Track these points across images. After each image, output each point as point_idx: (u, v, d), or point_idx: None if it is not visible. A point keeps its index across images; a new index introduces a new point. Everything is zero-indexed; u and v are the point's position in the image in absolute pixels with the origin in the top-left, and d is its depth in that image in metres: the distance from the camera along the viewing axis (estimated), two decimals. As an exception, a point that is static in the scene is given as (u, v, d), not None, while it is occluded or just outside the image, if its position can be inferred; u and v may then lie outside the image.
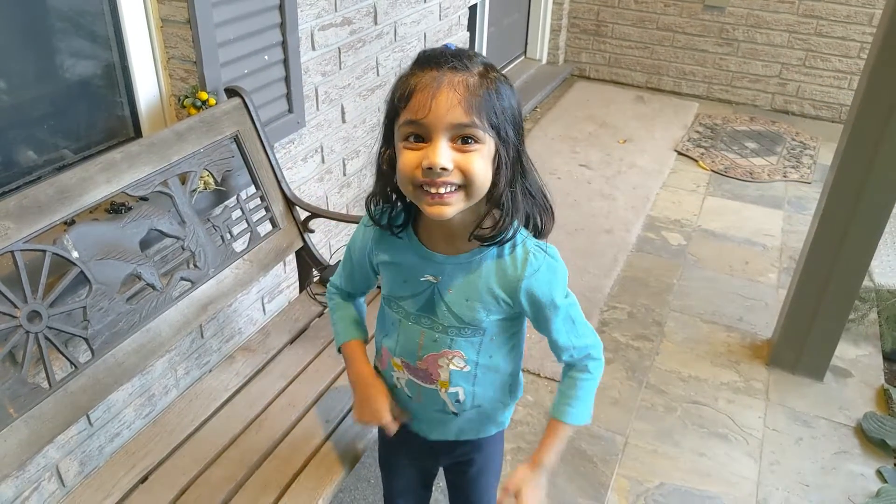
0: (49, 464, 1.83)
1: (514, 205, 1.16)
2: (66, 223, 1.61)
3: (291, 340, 2.01)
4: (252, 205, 2.05)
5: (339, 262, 1.46)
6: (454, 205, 1.11)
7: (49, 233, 1.52)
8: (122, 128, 2.03)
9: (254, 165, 2.02)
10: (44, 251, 1.49)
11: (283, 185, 2.11)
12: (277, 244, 2.09)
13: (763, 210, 3.94)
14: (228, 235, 1.96)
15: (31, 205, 1.48)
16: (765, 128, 4.89)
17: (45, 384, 1.49)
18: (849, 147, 2.35)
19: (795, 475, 2.34)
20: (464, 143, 1.08)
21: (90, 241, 1.59)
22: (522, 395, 2.52)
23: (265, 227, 2.08)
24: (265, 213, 2.08)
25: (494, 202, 1.15)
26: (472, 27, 4.41)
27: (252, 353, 1.94)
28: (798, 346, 2.71)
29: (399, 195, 1.22)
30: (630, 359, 2.81)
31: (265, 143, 2.06)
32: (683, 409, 2.58)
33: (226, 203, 2.00)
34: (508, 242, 1.19)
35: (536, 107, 5.11)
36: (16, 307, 1.43)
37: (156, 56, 2.01)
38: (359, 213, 2.71)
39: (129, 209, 1.76)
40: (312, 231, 2.20)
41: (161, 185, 1.75)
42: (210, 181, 1.92)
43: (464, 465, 1.50)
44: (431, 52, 1.11)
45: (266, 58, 2.20)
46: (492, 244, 1.19)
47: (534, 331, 1.32)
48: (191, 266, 1.83)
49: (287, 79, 2.31)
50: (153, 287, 1.72)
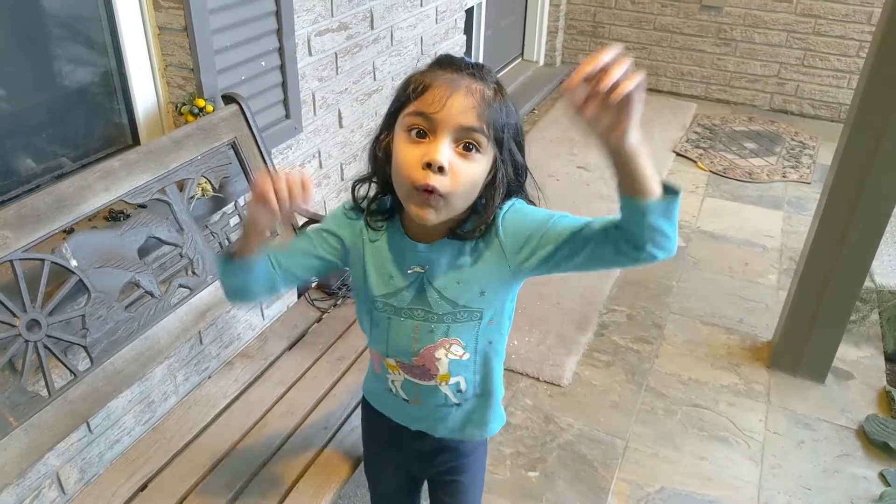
0: (49, 471, 1.82)
1: (495, 210, 1.18)
2: (65, 231, 1.60)
3: (290, 346, 2.01)
4: (250, 211, 2.04)
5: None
6: (440, 211, 1.11)
7: (48, 241, 1.52)
8: (120, 135, 2.03)
9: (251, 172, 2.02)
10: (42, 260, 1.49)
11: (282, 191, 2.10)
12: (276, 250, 2.08)
13: (762, 211, 3.94)
14: (227, 242, 1.96)
15: (30, 214, 1.48)
16: (764, 128, 4.89)
17: (45, 392, 1.49)
18: (849, 146, 2.34)
19: (797, 478, 2.33)
20: (465, 150, 1.08)
21: (89, 250, 1.60)
22: (521, 399, 2.55)
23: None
24: (263, 220, 2.07)
25: (482, 218, 1.17)
26: (469, 30, 4.41)
27: (250, 360, 1.95)
28: (799, 348, 2.71)
29: (387, 187, 1.22)
30: (630, 362, 2.81)
31: (262, 149, 2.06)
32: (684, 413, 2.57)
33: (224, 209, 2.00)
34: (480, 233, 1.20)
35: (534, 109, 5.11)
36: (15, 316, 1.44)
37: (153, 63, 2.00)
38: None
39: (128, 217, 1.76)
40: (311, 237, 2.19)
41: (159, 193, 1.75)
42: (208, 188, 1.92)
43: (450, 474, 1.48)
44: (452, 57, 1.13)
45: (263, 64, 2.20)
46: (468, 238, 1.20)
47: (528, 332, 1.32)
48: (189, 273, 1.83)
49: (284, 84, 2.31)
50: (152, 294, 1.72)
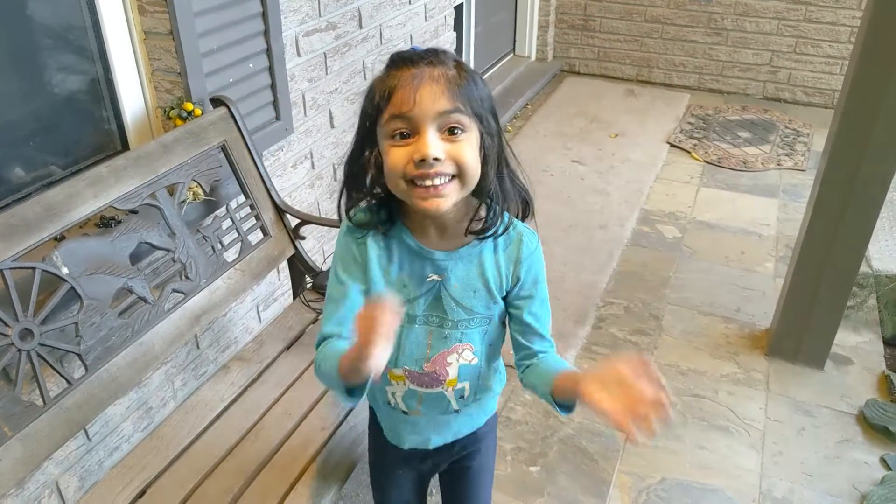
0: (48, 480, 1.82)
1: (504, 194, 1.19)
2: (56, 239, 1.60)
3: (286, 348, 2.00)
4: (242, 214, 2.04)
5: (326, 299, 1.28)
6: (450, 196, 1.11)
7: (38, 250, 1.51)
8: (110, 142, 2.02)
9: (242, 174, 2.01)
10: (33, 268, 1.49)
11: (273, 193, 2.10)
12: (269, 252, 2.08)
13: (758, 199, 3.94)
14: (219, 245, 1.95)
15: (19, 223, 1.48)
16: (757, 116, 4.88)
17: (40, 401, 1.49)
18: (840, 132, 2.34)
19: (798, 465, 2.33)
20: (451, 134, 1.09)
21: (80, 257, 1.59)
22: (521, 395, 2.54)
23: (256, 236, 2.08)
24: (255, 222, 2.07)
25: (485, 194, 1.17)
26: (459, 27, 4.40)
27: (247, 363, 1.94)
28: (797, 335, 2.70)
29: (381, 199, 1.21)
30: (628, 354, 2.80)
31: (253, 152, 2.05)
32: (684, 403, 2.57)
33: (215, 213, 2.00)
34: (503, 229, 1.22)
35: (527, 104, 5.10)
36: (7, 325, 1.43)
37: (140, 69, 2.00)
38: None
39: (119, 223, 1.75)
40: (304, 238, 2.19)
41: (149, 198, 1.75)
42: (199, 192, 1.92)
43: (465, 461, 1.48)
44: (403, 53, 1.12)
45: (251, 66, 2.19)
46: (487, 236, 1.21)
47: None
48: (182, 278, 1.82)
49: (273, 86, 2.30)
50: (145, 300, 1.71)
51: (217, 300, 1.90)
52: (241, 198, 2.05)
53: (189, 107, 1.95)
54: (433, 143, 1.07)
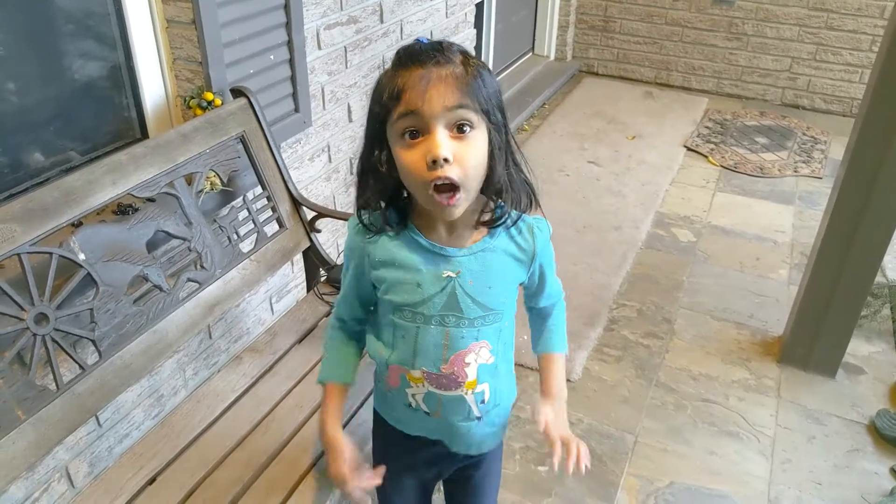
0: (59, 465, 1.83)
1: (512, 186, 1.20)
2: (73, 225, 1.60)
3: (299, 341, 2.00)
4: (258, 205, 2.04)
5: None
6: (460, 205, 1.13)
7: (56, 235, 1.52)
8: (129, 129, 2.03)
9: (260, 166, 2.02)
10: (50, 253, 1.49)
11: (290, 185, 2.10)
12: (284, 244, 2.08)
13: (774, 206, 3.91)
14: (235, 236, 1.96)
15: (37, 207, 1.48)
16: (775, 122, 4.85)
17: (53, 386, 1.49)
18: (860, 141, 2.32)
19: (808, 473, 2.32)
20: (460, 132, 1.09)
21: (97, 243, 1.59)
22: (531, 394, 2.54)
23: (272, 228, 2.08)
24: (272, 214, 2.07)
25: (494, 188, 1.18)
26: (480, 24, 4.40)
27: (259, 354, 1.94)
28: (810, 343, 2.69)
29: (393, 196, 1.22)
30: (640, 357, 2.80)
31: (271, 143, 2.05)
32: (694, 408, 2.56)
33: (232, 203, 2.00)
34: (512, 221, 1.24)
35: (545, 103, 5.09)
36: (23, 309, 1.44)
37: (161, 57, 2.00)
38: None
39: (136, 211, 1.76)
40: (319, 231, 2.19)
41: (167, 187, 1.75)
42: (216, 182, 1.92)
43: (469, 469, 1.47)
44: (410, 50, 1.11)
45: (272, 57, 2.19)
46: (497, 226, 1.23)
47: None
48: (198, 267, 1.83)
49: (293, 78, 2.30)
50: (160, 288, 1.72)
51: (231, 290, 1.90)
52: (259, 189, 2.06)
53: (209, 96, 1.95)
54: (443, 143, 1.07)
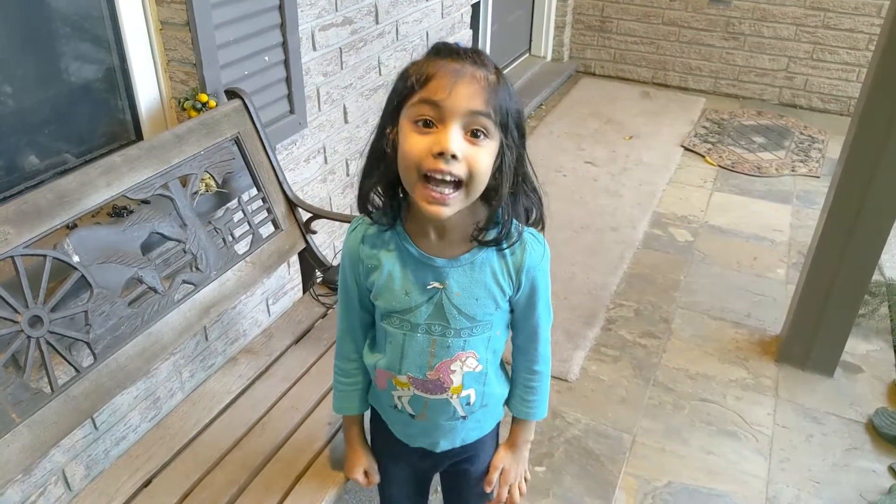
0: (55, 468, 1.83)
1: (514, 208, 1.18)
2: (68, 227, 1.60)
3: (295, 342, 2.00)
4: (254, 207, 2.04)
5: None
6: (453, 205, 1.11)
7: (50, 237, 1.51)
8: (124, 131, 2.02)
9: (255, 167, 2.01)
10: (44, 256, 1.49)
11: (285, 187, 2.10)
12: (280, 246, 2.08)
13: (771, 205, 3.91)
14: (230, 238, 1.95)
15: (31, 210, 1.48)
16: (772, 122, 4.85)
17: (48, 389, 1.49)
18: (856, 140, 2.32)
19: (806, 472, 2.31)
20: (474, 136, 1.08)
21: (91, 246, 1.59)
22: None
23: (267, 229, 2.08)
24: (267, 215, 2.07)
25: (494, 206, 1.16)
26: (476, 25, 4.39)
27: (255, 356, 1.94)
28: (807, 342, 2.69)
29: (391, 190, 1.21)
30: (637, 356, 2.79)
31: (266, 145, 2.05)
32: (692, 407, 2.56)
33: (227, 205, 2.00)
34: (508, 243, 1.21)
35: (541, 104, 5.09)
36: (17, 312, 1.43)
37: (155, 59, 2.00)
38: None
39: (131, 213, 1.76)
40: (315, 232, 2.19)
41: (162, 189, 1.75)
42: (211, 183, 1.92)
43: (463, 464, 1.47)
44: (449, 45, 1.11)
45: (266, 59, 2.19)
46: (489, 244, 1.20)
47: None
48: (193, 269, 1.82)
49: (288, 80, 2.30)
50: (155, 290, 1.71)
51: (227, 292, 1.90)
52: (254, 190, 2.05)
53: (203, 98, 1.95)
54: (455, 139, 1.06)
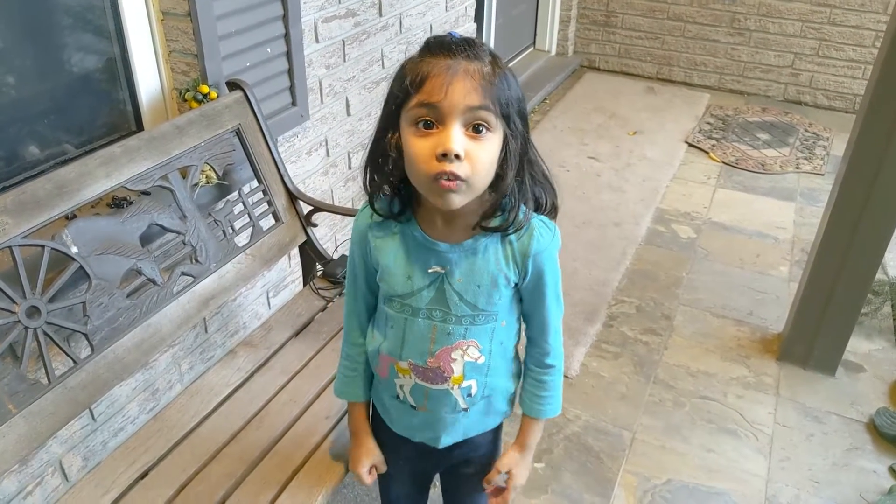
0: (52, 459, 1.82)
1: (522, 195, 1.17)
2: (67, 217, 1.59)
3: (294, 335, 2.00)
4: (254, 199, 2.03)
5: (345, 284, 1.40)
6: (461, 193, 1.10)
7: (48, 228, 1.51)
8: (124, 122, 2.01)
9: (256, 159, 2.00)
10: (42, 246, 1.48)
11: (286, 179, 2.09)
12: (280, 238, 2.07)
13: (775, 202, 3.90)
14: (230, 230, 1.94)
15: (29, 200, 1.47)
16: (777, 118, 4.83)
17: (45, 380, 1.49)
18: (861, 138, 2.31)
19: (806, 472, 2.31)
20: (475, 132, 1.07)
21: (90, 236, 1.58)
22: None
23: (268, 222, 2.07)
24: (268, 208, 2.06)
25: (500, 193, 1.15)
26: (480, 18, 4.38)
27: (254, 349, 1.93)
28: (809, 341, 2.67)
29: (396, 187, 1.20)
30: (638, 353, 2.78)
31: (267, 137, 2.04)
32: (692, 405, 2.55)
33: (228, 197, 1.99)
34: (514, 229, 1.19)
35: (545, 98, 5.07)
36: (14, 303, 1.43)
37: (157, 49, 1.99)
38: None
39: (130, 204, 1.75)
40: (315, 225, 2.18)
41: (161, 180, 1.74)
42: (212, 175, 1.91)
43: (462, 466, 1.47)
44: (441, 40, 1.10)
45: (269, 50, 2.18)
46: (494, 231, 1.19)
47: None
48: (192, 261, 1.81)
49: (290, 72, 2.29)
50: (154, 282, 1.71)
51: (226, 285, 1.89)
52: (254, 183, 2.04)
53: (205, 89, 1.94)
54: (457, 139, 1.05)
